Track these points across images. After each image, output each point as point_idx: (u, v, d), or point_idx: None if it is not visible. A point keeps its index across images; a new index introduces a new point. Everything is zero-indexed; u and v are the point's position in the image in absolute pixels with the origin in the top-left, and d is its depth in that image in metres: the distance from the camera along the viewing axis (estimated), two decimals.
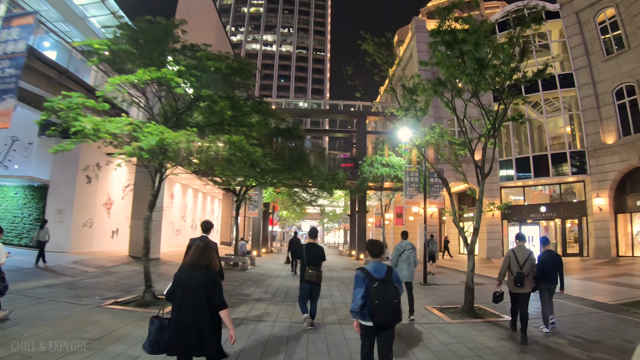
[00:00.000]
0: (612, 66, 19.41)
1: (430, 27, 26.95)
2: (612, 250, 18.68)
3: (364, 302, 3.58)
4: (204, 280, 3.17)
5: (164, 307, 3.70)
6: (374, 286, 3.56)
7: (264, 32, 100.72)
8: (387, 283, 3.62)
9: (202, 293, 3.14)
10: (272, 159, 13.56)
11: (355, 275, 3.74)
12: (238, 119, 8.30)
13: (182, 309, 3.13)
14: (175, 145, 6.43)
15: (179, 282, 3.23)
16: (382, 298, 3.51)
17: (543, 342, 5.94)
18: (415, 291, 10.52)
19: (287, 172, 13.54)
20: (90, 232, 17.54)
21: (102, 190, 18.47)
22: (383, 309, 3.51)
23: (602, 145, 19.53)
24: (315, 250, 6.46)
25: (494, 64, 6.63)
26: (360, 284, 3.64)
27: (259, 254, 23.26)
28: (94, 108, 7.27)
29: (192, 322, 3.09)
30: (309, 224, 70.10)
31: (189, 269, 3.25)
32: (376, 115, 24.30)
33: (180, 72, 6.69)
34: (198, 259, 3.25)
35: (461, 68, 6.65)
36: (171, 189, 26.54)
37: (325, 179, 15.02)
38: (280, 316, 7.37)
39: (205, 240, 3.82)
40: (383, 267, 3.77)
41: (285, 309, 8.01)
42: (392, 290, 3.60)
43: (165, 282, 10.77)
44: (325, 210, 55.95)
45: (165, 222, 25.52)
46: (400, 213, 25.90)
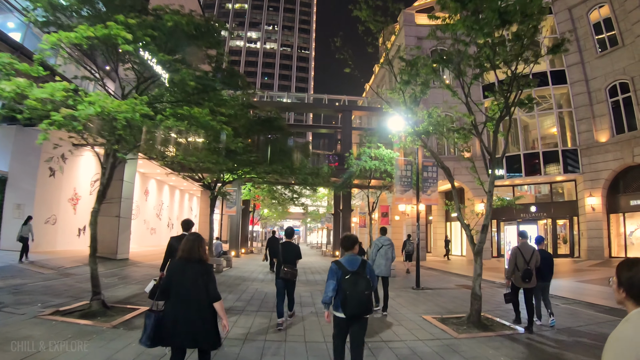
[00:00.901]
0: (606, 63, 18.87)
1: (420, 22, 26.29)
2: (604, 251, 18.12)
3: (335, 294, 3.70)
4: (199, 273, 3.25)
5: (157, 301, 3.48)
6: (346, 277, 3.66)
7: (248, 29, 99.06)
8: (359, 275, 3.69)
9: (199, 286, 3.21)
10: (249, 150, 12.29)
11: (329, 268, 3.84)
12: (206, 94, 6.95)
13: (179, 302, 3.18)
14: (120, 117, 5.08)
15: (173, 276, 3.27)
16: (353, 290, 3.59)
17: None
18: (409, 297, 9.52)
19: (266, 164, 12.22)
20: (53, 230, 15.83)
21: (68, 184, 16.71)
22: (354, 300, 3.58)
23: (595, 144, 18.98)
24: (291, 249, 6.60)
25: (519, 19, 5.55)
26: (332, 276, 3.75)
27: (237, 254, 21.80)
28: (27, 73, 5.81)
29: (193, 315, 3.15)
30: (292, 223, 68.91)
31: (182, 263, 3.29)
32: (362, 110, 23.23)
33: (129, 27, 5.31)
34: (191, 252, 3.30)
35: (479, 25, 5.54)
36: (145, 185, 24.81)
37: (309, 173, 13.72)
38: (253, 332, 6.06)
39: (194, 234, 3.62)
40: (357, 259, 3.86)
41: (259, 322, 6.66)
42: (364, 282, 3.66)
43: (126, 287, 9.37)
44: (308, 209, 54.97)
45: (138, 220, 23.81)
46: (386, 212, 24.89)
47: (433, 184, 11.39)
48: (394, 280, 12.79)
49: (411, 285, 11.23)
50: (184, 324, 3.13)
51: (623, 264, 1.55)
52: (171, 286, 3.23)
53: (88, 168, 17.90)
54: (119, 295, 8.06)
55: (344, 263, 3.80)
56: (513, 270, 6.45)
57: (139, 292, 8.69)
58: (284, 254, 6.49)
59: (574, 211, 20.31)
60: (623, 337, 1.41)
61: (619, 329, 1.44)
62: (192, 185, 27.18)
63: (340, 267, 3.76)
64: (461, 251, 25.14)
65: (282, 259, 6.45)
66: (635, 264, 1.50)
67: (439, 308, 8.29)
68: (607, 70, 18.68)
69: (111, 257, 14.63)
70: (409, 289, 10.92)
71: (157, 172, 23.06)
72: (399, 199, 11.54)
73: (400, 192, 11.44)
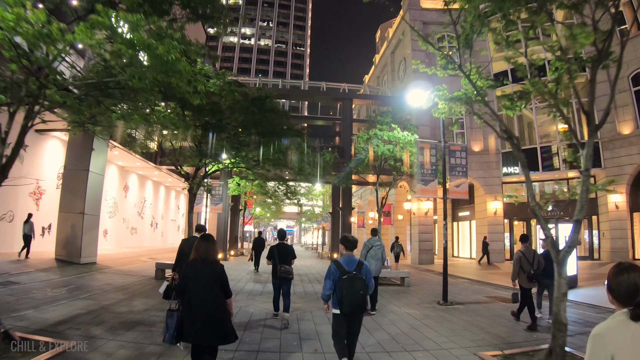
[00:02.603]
0: (629, 49, 17.19)
1: (425, 5, 24.50)
2: (629, 253, 16.48)
3: (333, 291, 3.98)
4: (216, 274, 3.45)
5: (177, 300, 3.59)
6: (343, 278, 3.88)
7: (242, 25, 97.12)
8: (356, 276, 3.91)
9: (216, 286, 3.42)
10: (236, 133, 10.39)
11: (328, 268, 4.07)
12: None
13: (198, 301, 3.32)
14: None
15: (189, 277, 3.40)
16: (349, 289, 3.83)
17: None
18: (440, 317, 7.38)
19: (254, 147, 10.22)
20: (10, 228, 13.81)
21: (29, 176, 14.61)
22: (350, 299, 3.82)
23: (617, 136, 17.34)
24: (285, 250, 6.80)
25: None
26: (330, 276, 4.01)
27: (225, 257, 19.77)
28: None
29: (213, 313, 3.32)
30: (285, 223, 66.90)
31: (199, 264, 3.44)
32: (365, 99, 21.35)
33: None
34: (207, 254, 3.47)
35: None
36: (125, 180, 22.70)
37: (307, 161, 11.69)
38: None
39: (208, 236, 3.69)
40: (355, 260, 4.08)
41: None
42: (360, 283, 3.89)
43: (68, 304, 7.27)
44: (303, 209, 52.68)
45: (116, 219, 21.72)
46: (388, 211, 23.06)
47: (462, 173, 9.41)
48: (410, 290, 10.98)
49: (436, 299, 9.23)
50: (203, 321, 3.28)
51: (613, 270, 1.68)
52: (188, 286, 3.38)
53: (55, 158, 15.83)
54: (47, 318, 5.95)
55: (343, 263, 4.00)
56: (517, 274, 6.85)
57: (82, 312, 6.62)
58: (279, 255, 6.70)
59: (593, 210, 18.70)
60: (599, 333, 1.58)
61: (601, 324, 1.61)
62: (179, 182, 25.13)
63: (339, 267, 3.97)
64: (470, 253, 23.36)
65: (278, 260, 6.66)
66: (622, 272, 1.64)
67: (489, 336, 6.11)
68: (630, 57, 17.05)
69: (74, 261, 12.57)
70: (434, 303, 8.90)
71: (137, 165, 21.01)
72: (424, 191, 9.49)
73: (424, 183, 9.44)
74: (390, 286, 11.57)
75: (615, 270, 1.66)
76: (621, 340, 1.49)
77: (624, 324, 1.52)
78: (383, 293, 10.04)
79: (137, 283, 10.22)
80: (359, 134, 11.73)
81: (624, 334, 1.50)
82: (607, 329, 1.55)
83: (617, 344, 1.49)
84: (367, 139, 11.42)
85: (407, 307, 8.42)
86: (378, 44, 41.66)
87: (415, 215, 20.18)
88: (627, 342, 1.48)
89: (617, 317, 1.56)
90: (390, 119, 11.81)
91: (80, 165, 13.28)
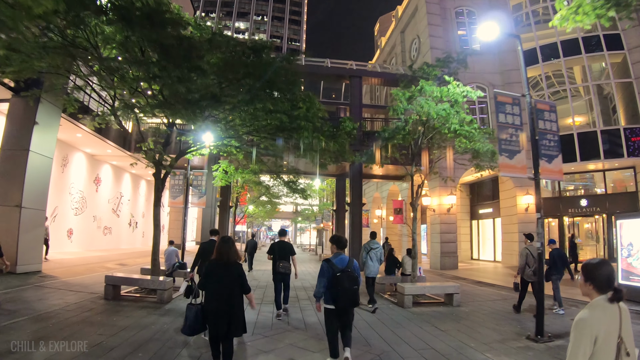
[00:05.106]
0: None
1: None
2: None
3: (326, 289, 4.26)
4: (237, 274, 3.80)
5: (198, 296, 4.10)
6: (337, 275, 4.20)
7: (236, 19, 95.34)
8: (349, 272, 4.24)
9: (236, 285, 3.77)
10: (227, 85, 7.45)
11: (321, 266, 4.36)
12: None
13: (218, 298, 3.69)
14: None
15: (211, 275, 3.77)
16: (343, 286, 4.15)
17: None
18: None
19: (245, 98, 6.97)
20: None
21: None
22: (344, 295, 4.15)
23: None
24: (284, 247, 7.30)
25: None
26: (323, 274, 4.29)
27: None
28: None
29: (230, 310, 3.67)
30: (280, 223, 63.98)
31: (221, 265, 3.78)
32: (376, 76, 18.42)
33: None
34: (229, 256, 3.80)
35: None
36: (96, 171, 19.52)
37: (320, 126, 8.38)
38: None
39: (228, 239, 3.99)
40: (345, 258, 4.40)
41: None
42: (353, 279, 4.24)
43: None
44: (298, 208, 49.49)
45: (85, 216, 18.54)
46: (400, 208, 20.19)
47: (555, 146, 6.39)
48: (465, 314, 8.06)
49: (514, 330, 6.34)
50: (223, 316, 3.63)
51: (591, 265, 1.95)
52: (209, 283, 3.76)
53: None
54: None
55: (336, 262, 4.34)
56: (523, 268, 7.56)
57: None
58: (279, 251, 7.23)
59: (634, 205, 16.19)
60: (583, 318, 1.78)
61: (582, 312, 1.83)
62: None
63: (332, 266, 4.29)
64: (494, 255, 20.51)
65: (277, 256, 7.20)
66: (601, 264, 1.93)
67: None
68: None
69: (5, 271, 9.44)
70: (522, 338, 5.89)
71: (107, 152, 17.85)
72: (509, 167, 6.28)
73: (508, 156, 6.30)
74: (433, 306, 8.53)
75: (595, 264, 1.94)
76: (602, 322, 1.77)
77: (602, 307, 1.83)
78: (429, 319, 7.15)
79: (74, 306, 6.99)
80: (396, 90, 8.41)
81: (604, 316, 1.80)
82: (590, 314, 1.81)
83: (599, 325, 1.76)
84: (409, 98, 8.04)
85: (489, 350, 5.33)
86: (377, 37, 39.65)
87: (435, 213, 17.30)
88: (606, 322, 1.78)
89: (597, 302, 1.86)
90: (440, 72, 8.36)
91: (18, 145, 10.21)
